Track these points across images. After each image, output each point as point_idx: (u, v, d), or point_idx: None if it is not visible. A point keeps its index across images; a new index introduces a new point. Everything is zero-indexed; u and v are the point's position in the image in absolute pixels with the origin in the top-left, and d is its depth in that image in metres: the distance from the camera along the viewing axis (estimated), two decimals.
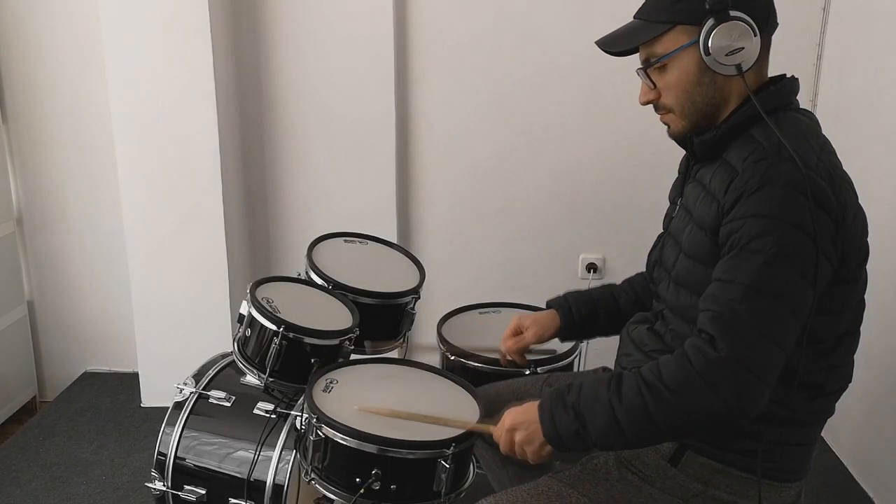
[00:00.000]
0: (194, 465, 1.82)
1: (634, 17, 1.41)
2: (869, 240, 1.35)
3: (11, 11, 2.89)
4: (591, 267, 3.00)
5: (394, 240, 2.52)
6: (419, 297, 2.08)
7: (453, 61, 2.88)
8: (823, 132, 1.38)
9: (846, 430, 2.55)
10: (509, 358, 1.79)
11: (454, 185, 3.00)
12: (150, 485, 1.85)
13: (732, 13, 1.29)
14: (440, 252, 3.04)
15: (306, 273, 2.02)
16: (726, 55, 1.30)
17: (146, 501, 2.36)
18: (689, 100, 1.37)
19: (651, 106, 1.44)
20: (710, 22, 1.29)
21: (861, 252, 1.33)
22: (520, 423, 1.35)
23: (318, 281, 1.98)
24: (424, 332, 2.48)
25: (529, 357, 1.82)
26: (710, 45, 1.30)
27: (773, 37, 1.39)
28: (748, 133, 1.33)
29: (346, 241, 2.21)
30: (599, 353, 2.13)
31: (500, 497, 1.43)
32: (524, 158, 2.94)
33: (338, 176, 2.97)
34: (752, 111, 1.32)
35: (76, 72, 2.93)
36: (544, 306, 1.82)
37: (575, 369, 2.01)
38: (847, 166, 1.34)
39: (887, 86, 2.33)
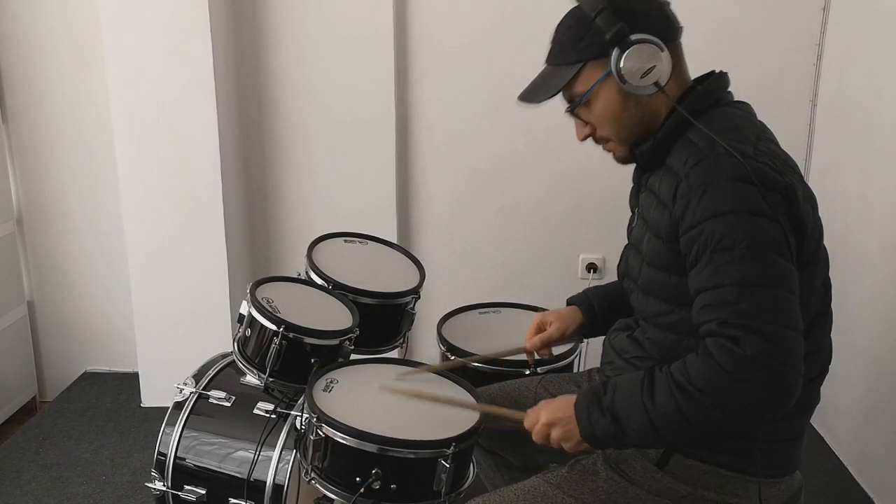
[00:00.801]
0: (194, 465, 1.82)
1: (546, 63, 1.44)
2: (868, 240, 1.35)
3: (11, 11, 2.89)
4: (591, 267, 3.00)
5: (394, 240, 2.52)
6: (419, 297, 2.08)
7: (453, 61, 2.88)
8: (823, 132, 1.38)
9: (846, 430, 2.55)
10: (537, 356, 1.78)
11: (454, 185, 3.00)
12: (150, 485, 1.85)
13: (633, 37, 1.31)
14: (440, 252, 3.04)
15: (306, 273, 2.02)
16: (641, 77, 1.32)
17: (146, 501, 2.36)
18: (621, 126, 1.41)
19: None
20: (616, 52, 1.32)
21: (817, 228, 1.33)
22: (557, 419, 1.36)
23: (318, 281, 1.98)
24: (424, 332, 2.48)
25: (556, 352, 1.81)
26: (622, 73, 1.32)
27: (774, 36, 1.39)
28: (685, 136, 1.35)
29: (346, 241, 2.21)
30: (599, 353, 2.12)
31: (487, 497, 1.45)
32: (524, 159, 2.95)
33: (338, 176, 2.97)
34: (681, 117, 1.34)
35: (76, 72, 2.93)
36: (545, 306, 1.82)
37: (574, 370, 2.00)
38: (847, 166, 1.35)
39: (887, 86, 2.33)
